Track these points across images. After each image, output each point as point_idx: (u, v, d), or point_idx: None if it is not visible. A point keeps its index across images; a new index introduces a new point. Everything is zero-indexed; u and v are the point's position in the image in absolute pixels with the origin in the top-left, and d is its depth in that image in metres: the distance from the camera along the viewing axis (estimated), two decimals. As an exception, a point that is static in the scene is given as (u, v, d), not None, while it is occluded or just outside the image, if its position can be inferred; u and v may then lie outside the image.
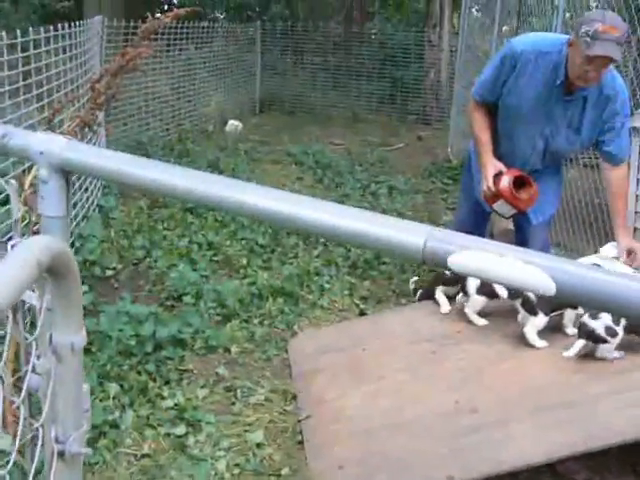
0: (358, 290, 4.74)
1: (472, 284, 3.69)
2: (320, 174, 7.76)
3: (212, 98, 10.38)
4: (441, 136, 10.18)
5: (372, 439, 3.00)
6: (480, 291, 3.67)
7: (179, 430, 3.12)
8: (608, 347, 3.12)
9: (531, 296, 3.38)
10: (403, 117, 11.71)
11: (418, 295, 4.29)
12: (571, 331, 3.41)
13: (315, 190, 7.19)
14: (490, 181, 3.65)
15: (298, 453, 3.05)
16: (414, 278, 4.54)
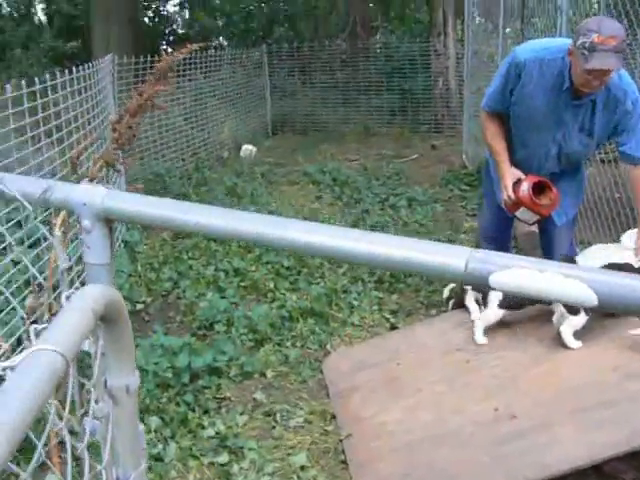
0: (387, 304, 4.75)
1: (495, 296, 3.66)
2: (338, 191, 7.77)
3: (224, 124, 10.45)
4: (455, 143, 10.18)
5: (415, 452, 3.01)
6: (503, 305, 3.65)
7: (222, 459, 3.14)
8: None
9: None
10: (415, 127, 11.71)
11: (451, 305, 4.25)
12: None
13: (334, 208, 7.21)
14: (509, 190, 3.66)
15: (342, 473, 3.06)
16: (450, 286, 4.35)
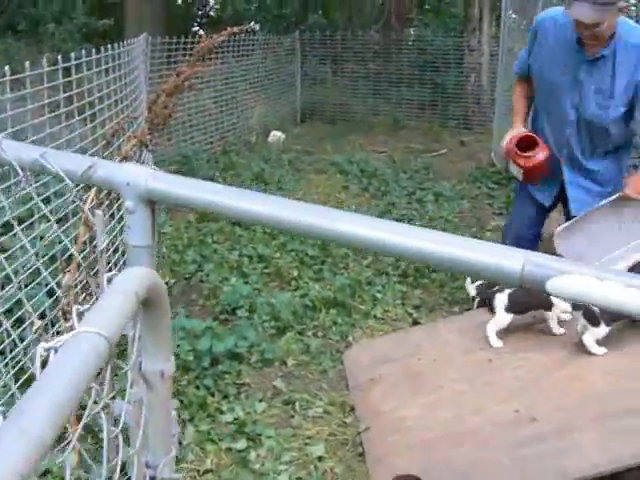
0: (410, 299, 4.72)
1: (500, 301, 3.61)
2: (365, 183, 7.73)
3: (254, 109, 10.43)
4: (484, 140, 10.09)
5: (433, 450, 2.99)
6: (509, 309, 3.60)
7: (240, 445, 3.13)
8: None
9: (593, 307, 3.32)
10: (445, 122, 11.62)
11: (476, 303, 4.13)
12: None
13: (361, 199, 7.18)
14: (504, 141, 3.89)
15: (359, 465, 3.04)
16: (476, 283, 4.16)
